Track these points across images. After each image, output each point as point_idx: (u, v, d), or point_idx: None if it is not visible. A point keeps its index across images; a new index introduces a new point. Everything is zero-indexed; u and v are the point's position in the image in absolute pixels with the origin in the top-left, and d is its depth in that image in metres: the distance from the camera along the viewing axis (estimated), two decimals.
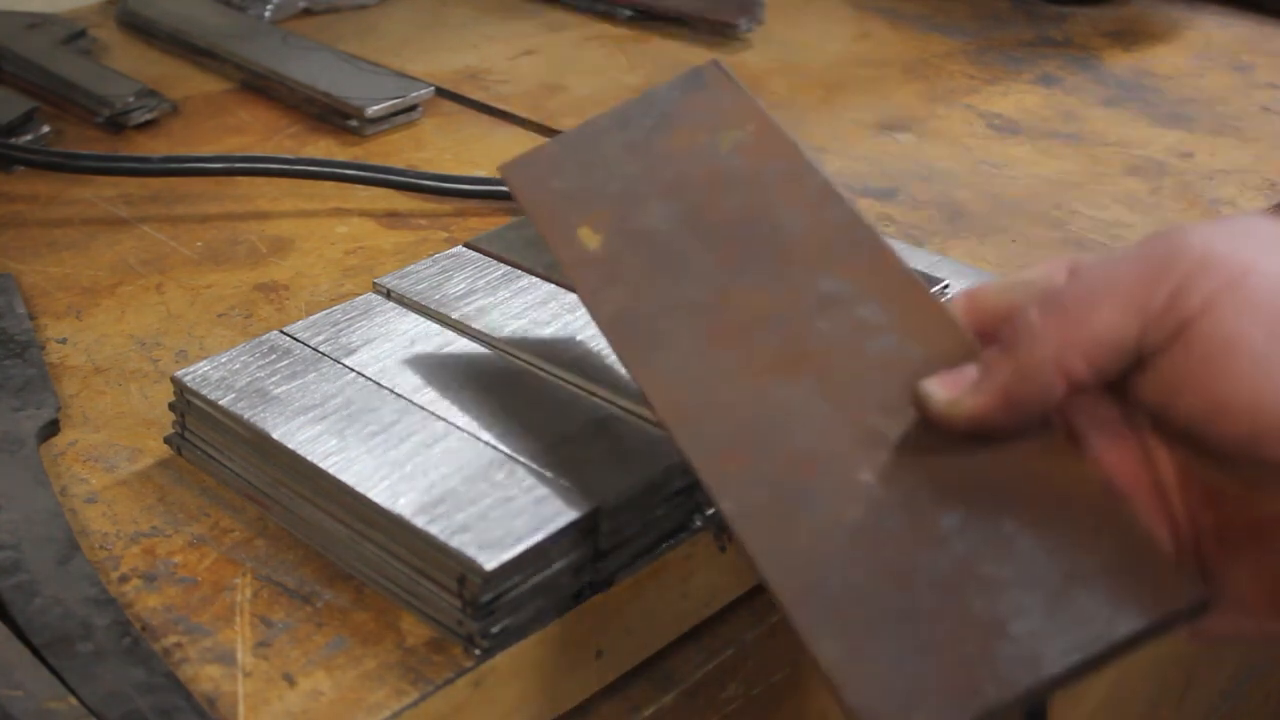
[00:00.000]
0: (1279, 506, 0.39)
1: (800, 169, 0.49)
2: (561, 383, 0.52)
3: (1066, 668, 0.37)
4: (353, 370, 0.52)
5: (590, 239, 0.49)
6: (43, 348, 0.61)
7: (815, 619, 0.39)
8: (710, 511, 0.50)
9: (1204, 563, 0.40)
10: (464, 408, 0.50)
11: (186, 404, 0.52)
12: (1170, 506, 0.41)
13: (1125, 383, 0.39)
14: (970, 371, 0.41)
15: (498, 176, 0.76)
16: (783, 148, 0.49)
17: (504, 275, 0.59)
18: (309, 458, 0.48)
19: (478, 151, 0.81)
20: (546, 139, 0.82)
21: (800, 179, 0.48)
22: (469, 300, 0.57)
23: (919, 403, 0.41)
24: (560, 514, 0.45)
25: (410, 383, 0.52)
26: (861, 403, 0.42)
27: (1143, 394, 0.39)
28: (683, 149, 0.50)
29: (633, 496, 0.47)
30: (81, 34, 0.93)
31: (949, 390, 0.41)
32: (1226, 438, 0.37)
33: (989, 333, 0.43)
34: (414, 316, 0.56)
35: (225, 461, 0.52)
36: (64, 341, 0.62)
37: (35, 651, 0.44)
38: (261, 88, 0.88)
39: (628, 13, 1.02)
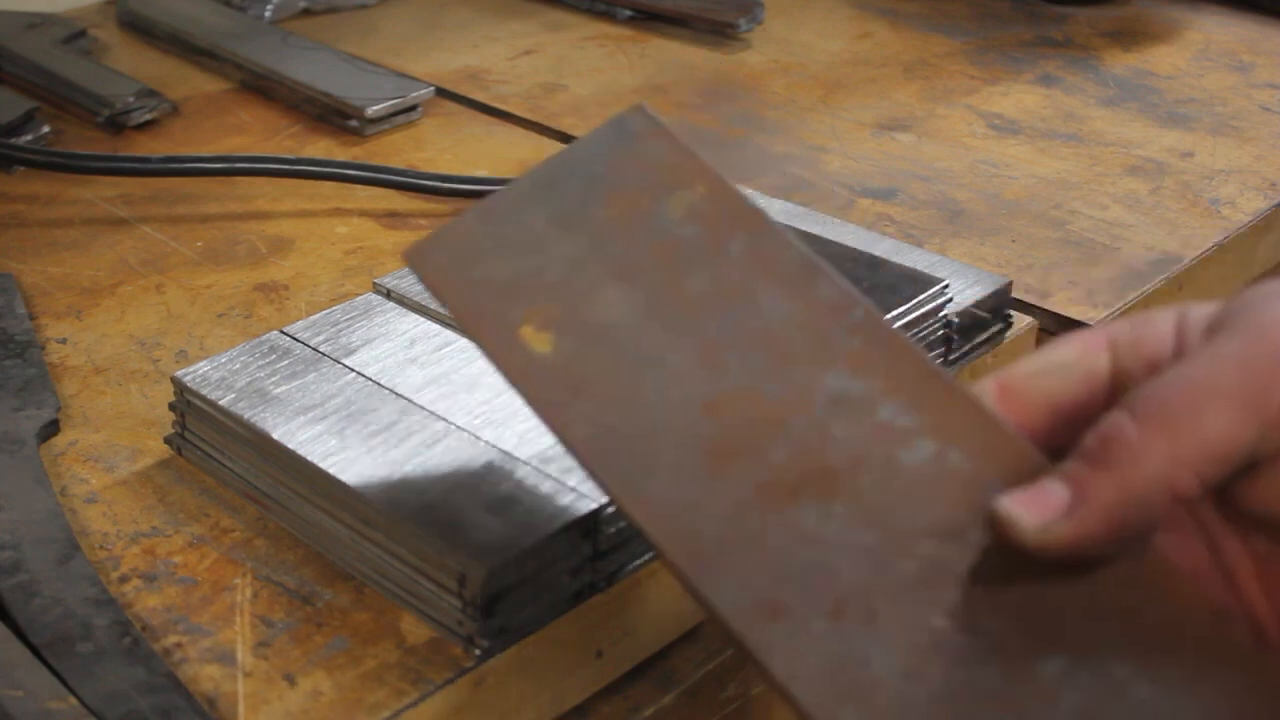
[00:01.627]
0: None
1: (772, 238, 0.42)
2: None
3: None
4: (353, 370, 0.52)
5: (537, 341, 0.41)
6: (43, 348, 0.61)
7: None
8: None
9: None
10: (464, 408, 0.51)
11: (186, 404, 0.52)
12: (1241, 592, 0.38)
13: (1226, 489, 0.36)
14: (1057, 490, 0.35)
15: (497, 177, 0.76)
16: (744, 213, 0.42)
17: None
18: (309, 458, 0.48)
19: (478, 151, 0.81)
20: (546, 138, 0.83)
21: (774, 251, 0.41)
22: None
23: (1001, 527, 0.36)
24: (560, 514, 0.45)
25: (410, 383, 0.52)
26: (912, 528, 0.36)
27: (1251, 500, 0.36)
28: (625, 219, 0.43)
29: None
30: (81, 34, 0.93)
31: (1037, 514, 0.35)
32: None
33: (1030, 425, 0.39)
34: (414, 316, 0.56)
35: (225, 461, 0.52)
36: (64, 341, 0.62)
37: (35, 651, 0.44)
38: (261, 88, 0.88)
39: (628, 13, 1.02)
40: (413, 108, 0.84)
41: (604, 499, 0.46)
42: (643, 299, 0.41)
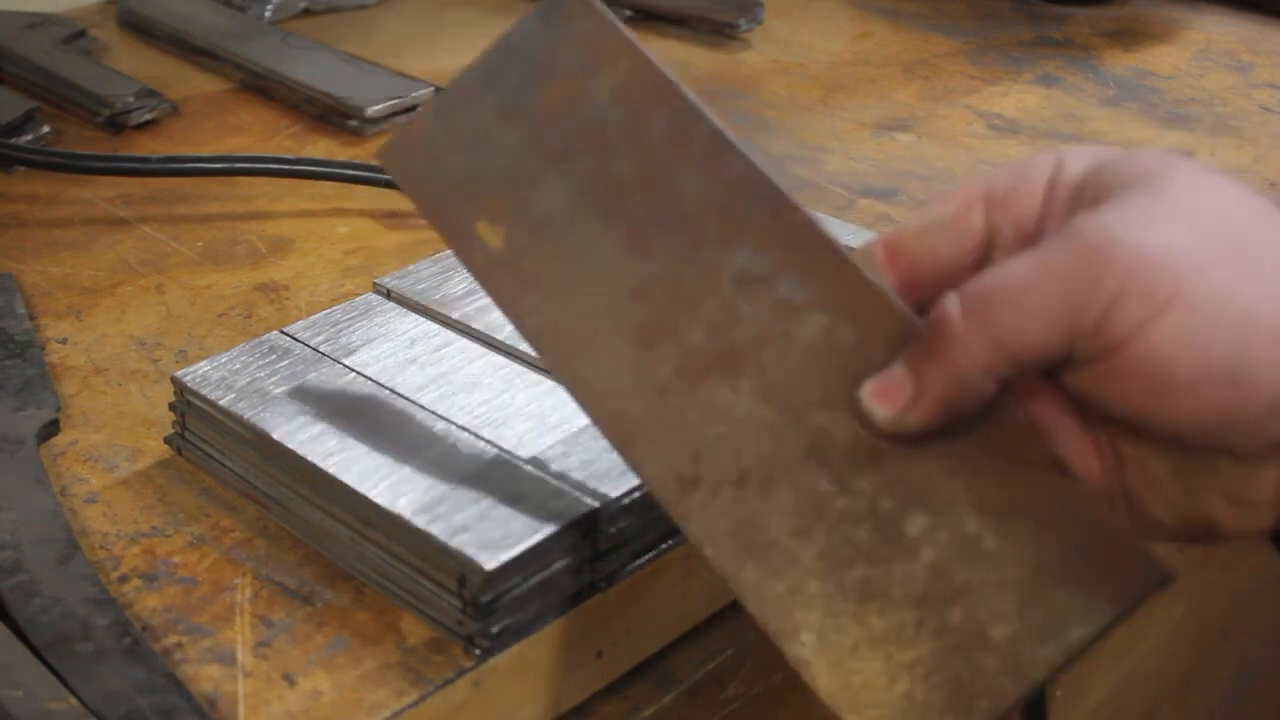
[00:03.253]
0: (1205, 477, 0.40)
1: (686, 117, 0.44)
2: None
3: (1050, 669, 0.37)
4: (353, 370, 0.52)
5: (491, 235, 0.44)
6: (43, 348, 0.61)
7: (807, 649, 0.39)
8: None
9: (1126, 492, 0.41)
10: (464, 408, 0.50)
11: (186, 404, 0.52)
12: (1099, 445, 0.41)
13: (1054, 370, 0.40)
14: (903, 381, 0.39)
15: None
16: (662, 91, 0.44)
17: None
18: (309, 458, 0.48)
19: None
20: None
21: (688, 130, 0.43)
22: (469, 300, 0.57)
23: (862, 419, 0.40)
24: (560, 514, 0.45)
25: (410, 383, 0.52)
26: (804, 400, 0.41)
27: (1071, 385, 0.39)
28: (560, 105, 0.45)
29: (633, 496, 0.47)
30: (81, 34, 0.93)
31: (889, 406, 0.40)
32: (1155, 437, 0.39)
33: (915, 283, 0.42)
34: (414, 316, 0.56)
35: (225, 461, 0.52)
36: (64, 341, 0.62)
37: (35, 651, 0.44)
38: (261, 88, 0.88)
39: (628, 13, 1.02)
40: (413, 108, 0.84)
41: (604, 499, 0.46)
42: (576, 186, 0.44)
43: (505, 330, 0.55)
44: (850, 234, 0.64)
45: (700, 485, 0.41)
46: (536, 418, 0.50)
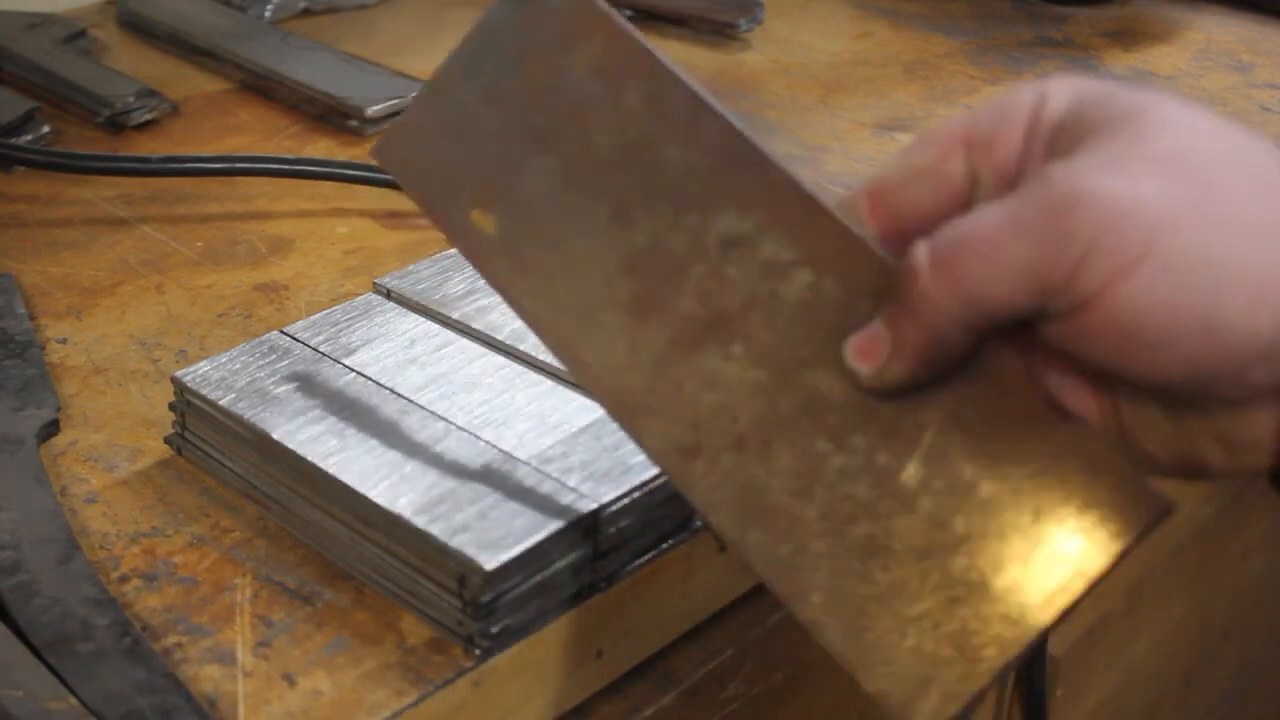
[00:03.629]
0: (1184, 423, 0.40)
1: (663, 84, 0.44)
2: (562, 382, 0.52)
3: (1057, 614, 0.38)
4: (353, 370, 0.52)
5: (485, 222, 0.44)
6: (43, 348, 0.61)
7: (816, 610, 0.39)
8: None
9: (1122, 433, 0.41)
10: (464, 408, 0.50)
11: (186, 404, 0.52)
12: (1092, 387, 0.41)
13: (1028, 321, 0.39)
14: (882, 336, 0.39)
15: None
16: (639, 60, 0.44)
17: None
18: (309, 458, 0.48)
19: None
20: None
21: (666, 97, 0.43)
22: (469, 300, 0.57)
23: (850, 375, 0.40)
24: (560, 514, 0.45)
25: (410, 383, 0.52)
26: (795, 360, 0.40)
27: (1050, 338, 0.38)
28: (540, 84, 0.45)
29: (633, 496, 0.47)
30: (81, 34, 0.93)
31: (870, 361, 0.39)
32: (1130, 387, 0.39)
33: (899, 232, 0.41)
34: (414, 316, 0.56)
35: (225, 461, 0.52)
36: (64, 341, 0.62)
37: (35, 651, 0.44)
38: (261, 88, 0.88)
39: (628, 13, 1.02)
40: None
41: (604, 499, 0.46)
42: (560, 166, 0.44)
43: (505, 330, 0.55)
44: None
45: (701, 453, 0.41)
46: (536, 418, 0.50)
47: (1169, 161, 0.37)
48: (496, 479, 0.47)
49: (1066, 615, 0.38)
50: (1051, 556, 0.38)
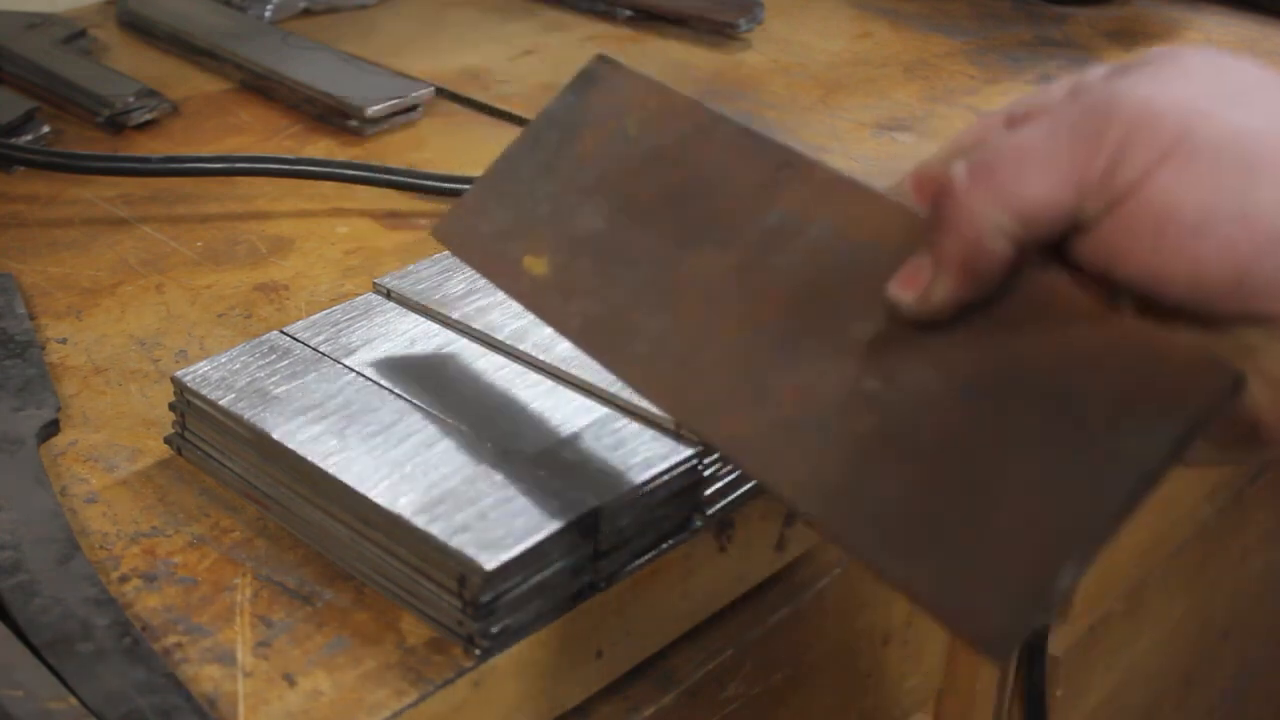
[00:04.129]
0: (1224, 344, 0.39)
1: (708, 123, 0.47)
2: (561, 382, 0.52)
3: (1132, 502, 0.36)
4: (353, 370, 0.52)
5: (536, 265, 0.48)
6: (43, 348, 0.61)
7: (886, 550, 0.38)
8: (711, 511, 0.50)
9: None
10: (464, 408, 0.50)
11: (186, 404, 0.52)
12: None
13: (1063, 245, 0.39)
14: (923, 264, 0.39)
15: None
16: (686, 109, 0.48)
17: None
18: (309, 458, 0.48)
19: (478, 151, 0.81)
20: None
21: (712, 132, 0.47)
22: (469, 300, 0.57)
23: (894, 311, 0.40)
24: (560, 514, 0.45)
25: (410, 383, 0.52)
26: (841, 318, 0.41)
27: (1082, 257, 0.39)
28: (596, 149, 0.49)
29: (633, 496, 0.47)
30: (81, 34, 0.93)
31: (913, 289, 0.40)
32: (1167, 300, 0.38)
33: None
34: (414, 316, 0.56)
35: (225, 461, 0.52)
36: (64, 341, 0.62)
37: (35, 651, 0.44)
38: (261, 88, 0.88)
39: (628, 13, 1.02)
40: (413, 108, 0.84)
41: (604, 499, 0.46)
42: (612, 207, 0.48)
43: (505, 330, 0.55)
44: None
45: (743, 413, 0.41)
46: (536, 418, 0.50)
47: (1200, 72, 0.39)
48: (496, 479, 0.47)
49: (1141, 502, 0.37)
50: (1124, 447, 0.37)
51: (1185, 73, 0.38)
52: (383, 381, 0.52)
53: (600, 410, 0.50)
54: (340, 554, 0.48)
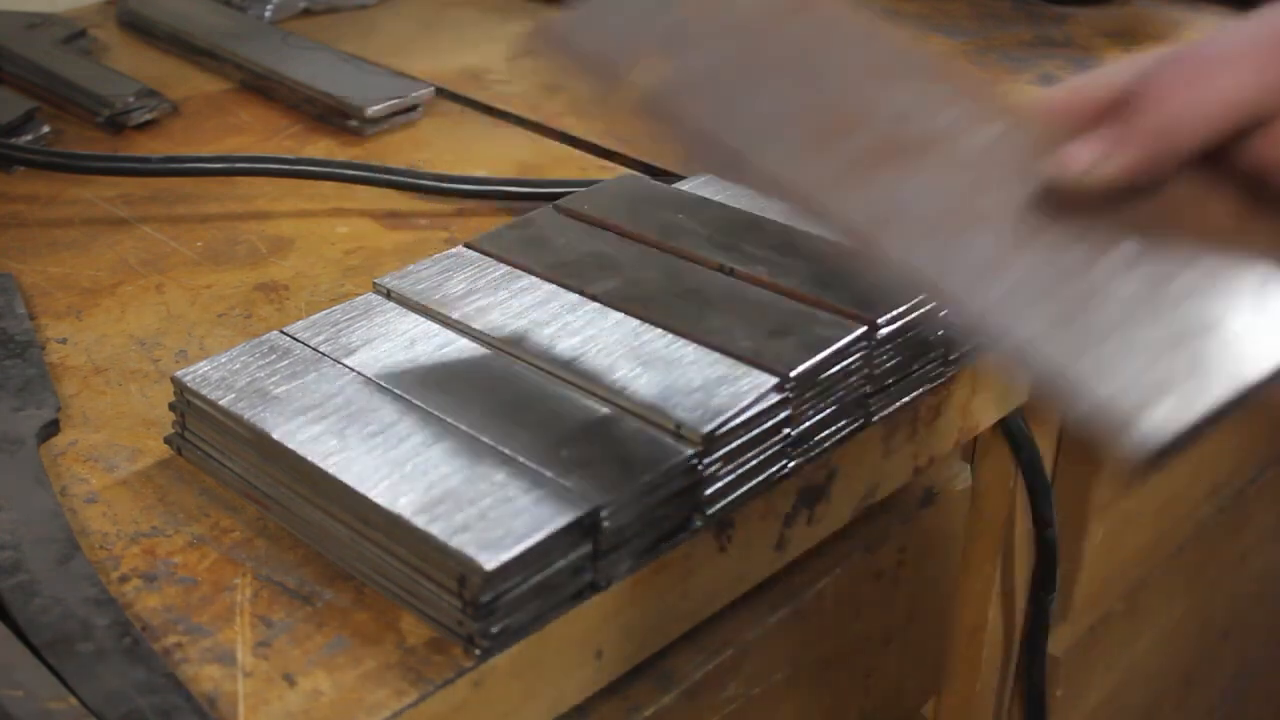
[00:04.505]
0: None
1: (843, 11, 0.49)
2: (561, 382, 0.52)
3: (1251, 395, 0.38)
4: (353, 370, 0.52)
5: (651, 73, 0.47)
6: (43, 348, 0.61)
7: (1032, 334, 0.39)
8: (711, 511, 0.50)
9: None
10: (464, 408, 0.50)
11: (186, 404, 0.52)
12: None
13: (1239, 145, 0.43)
14: (1095, 141, 0.42)
15: (497, 177, 0.76)
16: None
17: (504, 275, 0.59)
18: (309, 458, 0.48)
19: (478, 151, 0.81)
20: (546, 138, 0.83)
21: (846, 17, 0.48)
22: (469, 300, 0.57)
23: (1057, 172, 0.43)
24: (560, 514, 0.45)
25: (410, 383, 0.52)
26: (997, 175, 0.43)
27: (1258, 156, 0.43)
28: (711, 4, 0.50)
29: (633, 496, 0.47)
30: (81, 34, 0.93)
31: (1088, 154, 0.42)
32: None
33: (1092, 120, 0.44)
34: (414, 316, 0.56)
35: (225, 461, 0.52)
36: (64, 341, 0.62)
37: (35, 651, 0.44)
38: (261, 88, 0.88)
39: None
40: (413, 108, 0.84)
41: (604, 499, 0.46)
42: (736, 51, 0.48)
43: (505, 330, 0.55)
44: None
45: (894, 225, 0.42)
46: (536, 418, 0.50)
47: None
48: (496, 479, 0.47)
49: None
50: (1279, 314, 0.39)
51: None
52: (383, 381, 0.52)
53: (600, 410, 0.50)
54: (340, 554, 0.48)
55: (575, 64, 0.50)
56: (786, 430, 0.52)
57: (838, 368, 0.53)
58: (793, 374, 0.51)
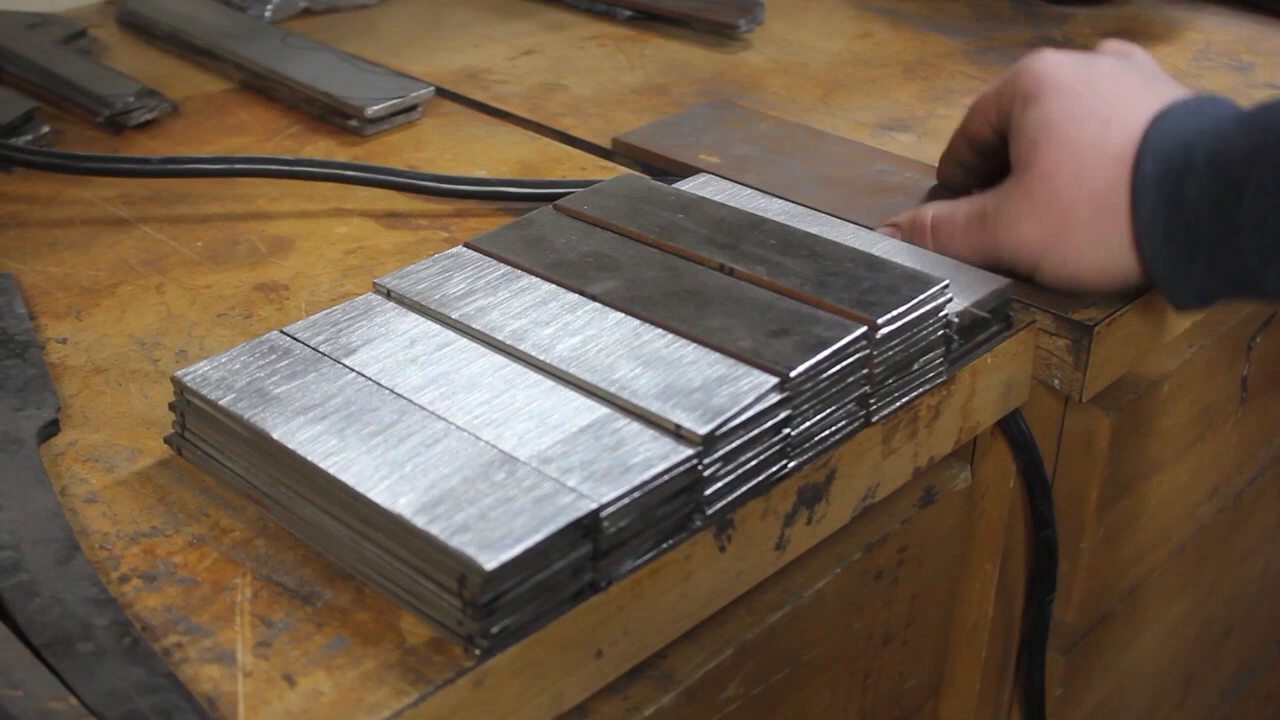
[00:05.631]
0: None
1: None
2: (561, 382, 0.52)
3: None
4: (353, 370, 0.52)
5: None
6: (43, 348, 0.61)
7: None
8: (711, 511, 0.50)
9: None
10: (464, 408, 0.50)
11: (186, 404, 0.52)
12: None
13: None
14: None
15: (497, 177, 0.76)
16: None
17: (504, 275, 0.59)
18: (309, 458, 0.48)
19: (478, 151, 0.81)
20: (546, 138, 0.83)
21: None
22: (469, 300, 0.57)
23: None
24: (560, 514, 0.45)
25: (410, 383, 0.52)
26: None
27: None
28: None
29: (633, 496, 0.47)
30: (81, 34, 0.93)
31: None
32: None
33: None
34: (414, 316, 0.56)
35: (225, 461, 0.52)
36: (64, 341, 0.62)
37: (35, 651, 0.44)
38: (261, 88, 0.88)
39: (627, 13, 1.02)
40: (413, 108, 0.84)
41: (604, 499, 0.46)
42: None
43: (505, 330, 0.55)
44: (849, 234, 0.64)
45: None
46: (536, 418, 0.50)
47: (1040, 206, 0.61)
48: (496, 479, 0.47)
49: None
50: None
51: (1033, 209, 0.62)
52: (383, 381, 0.52)
53: (600, 410, 0.50)
54: (340, 554, 0.48)
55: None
56: (786, 430, 0.52)
57: (838, 368, 0.53)
58: (793, 374, 0.51)
